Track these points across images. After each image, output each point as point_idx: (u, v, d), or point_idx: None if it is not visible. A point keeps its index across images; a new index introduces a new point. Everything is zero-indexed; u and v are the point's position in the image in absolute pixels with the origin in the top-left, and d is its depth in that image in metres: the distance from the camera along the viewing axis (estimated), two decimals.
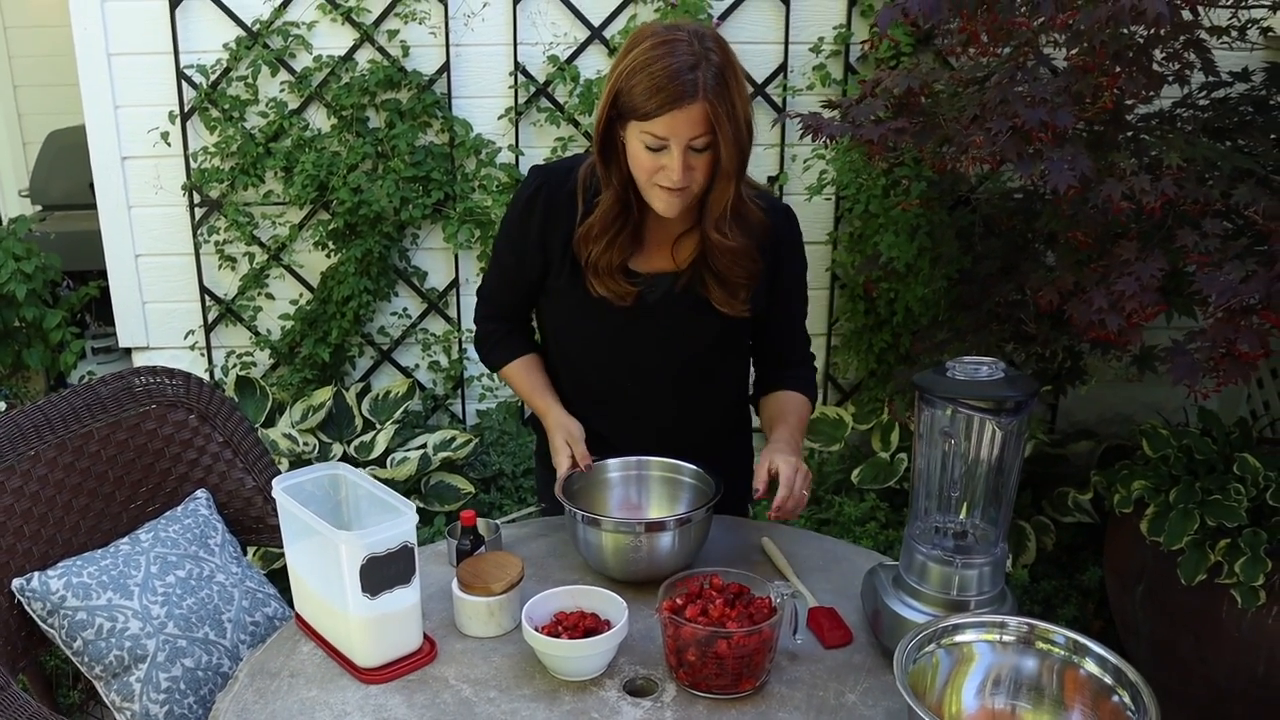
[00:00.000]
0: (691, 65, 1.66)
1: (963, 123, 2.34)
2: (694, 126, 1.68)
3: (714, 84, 1.67)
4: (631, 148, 1.75)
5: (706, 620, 1.56)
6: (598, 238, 1.85)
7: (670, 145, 1.70)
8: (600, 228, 1.85)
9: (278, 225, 3.41)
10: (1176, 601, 2.65)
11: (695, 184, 1.76)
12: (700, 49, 1.67)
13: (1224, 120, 2.68)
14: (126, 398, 2.14)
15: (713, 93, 1.66)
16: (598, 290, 1.89)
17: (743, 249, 1.84)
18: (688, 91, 1.65)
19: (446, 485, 3.28)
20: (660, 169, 1.73)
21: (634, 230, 1.87)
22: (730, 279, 1.88)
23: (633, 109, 1.70)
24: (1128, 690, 1.35)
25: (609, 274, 1.88)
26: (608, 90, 1.74)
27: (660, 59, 1.66)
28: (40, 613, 1.85)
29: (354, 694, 1.59)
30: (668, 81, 1.65)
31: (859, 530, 3.20)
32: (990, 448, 1.56)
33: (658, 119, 1.68)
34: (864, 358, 3.46)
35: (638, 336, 1.96)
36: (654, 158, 1.72)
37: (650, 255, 1.92)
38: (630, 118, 1.71)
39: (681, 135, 1.69)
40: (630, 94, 1.69)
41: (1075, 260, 2.45)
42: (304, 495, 1.70)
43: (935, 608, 1.59)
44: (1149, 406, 3.37)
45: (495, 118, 3.37)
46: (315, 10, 3.25)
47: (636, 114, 1.70)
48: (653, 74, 1.66)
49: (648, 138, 1.71)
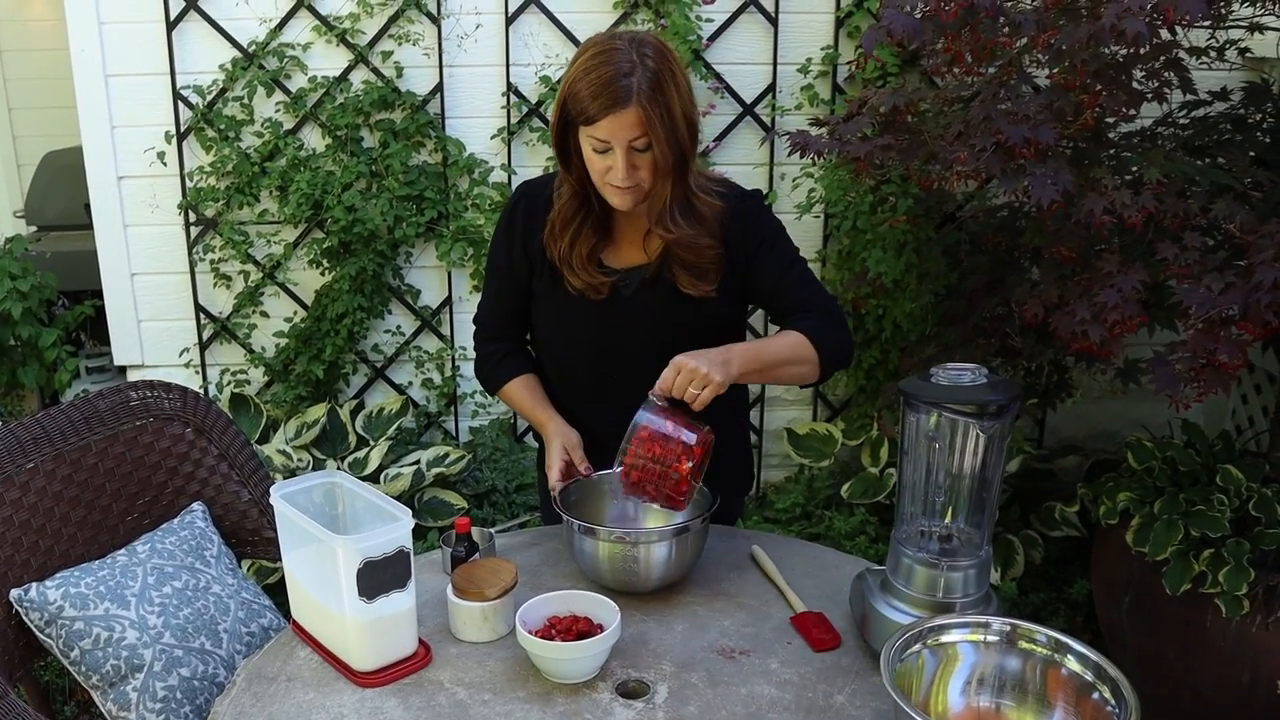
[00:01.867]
0: (627, 72, 1.76)
1: (948, 139, 2.39)
2: (630, 129, 1.78)
3: (648, 89, 1.77)
4: (584, 152, 1.86)
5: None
6: (560, 233, 1.96)
7: (613, 147, 1.80)
8: (561, 223, 1.96)
9: (272, 244, 3.44)
10: (1162, 612, 2.67)
11: (643, 181, 1.85)
12: (636, 56, 1.78)
13: (1203, 138, 2.74)
14: (124, 411, 2.16)
15: (646, 97, 1.76)
16: (573, 284, 1.98)
17: (691, 239, 1.91)
18: (622, 96, 1.76)
19: (440, 501, 3.30)
20: (609, 169, 1.84)
21: (597, 223, 1.96)
22: (693, 264, 1.95)
23: (578, 114, 1.81)
24: (1108, 685, 1.38)
25: (581, 266, 1.96)
26: (559, 98, 1.85)
27: (599, 67, 1.78)
28: (38, 622, 1.87)
29: (350, 697, 1.61)
30: (603, 88, 1.76)
31: (849, 544, 3.23)
32: (974, 452, 1.60)
33: (598, 123, 1.78)
34: (853, 374, 3.49)
35: (619, 329, 2.02)
36: (602, 159, 1.83)
37: (623, 250, 2.01)
38: (578, 123, 1.82)
39: (620, 137, 1.79)
40: (575, 100, 1.80)
41: (1059, 274, 2.50)
42: (301, 503, 1.73)
43: (922, 610, 1.61)
44: (1134, 422, 3.41)
45: (488, 137, 3.41)
46: (310, 32, 3.29)
47: (581, 119, 1.81)
48: (591, 81, 1.78)
49: (593, 141, 1.82)
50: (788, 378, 1.97)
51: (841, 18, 3.36)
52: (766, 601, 1.85)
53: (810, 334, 1.93)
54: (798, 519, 3.44)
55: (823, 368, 1.95)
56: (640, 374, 1.97)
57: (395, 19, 3.28)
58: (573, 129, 1.85)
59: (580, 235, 1.95)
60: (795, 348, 1.92)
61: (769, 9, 3.34)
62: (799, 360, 1.92)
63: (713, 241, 1.94)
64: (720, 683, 1.62)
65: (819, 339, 1.93)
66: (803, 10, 3.36)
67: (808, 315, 1.98)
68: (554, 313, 2.06)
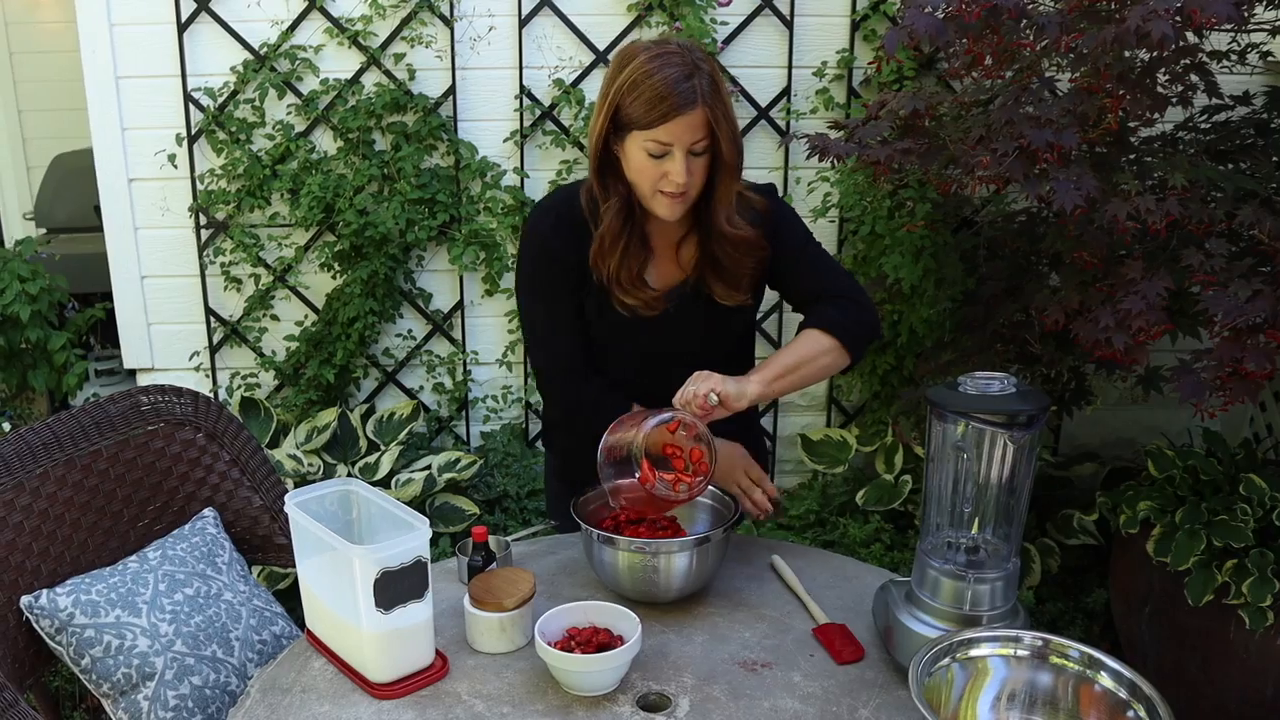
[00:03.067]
0: (687, 75, 1.77)
1: (968, 144, 2.36)
2: (695, 131, 1.79)
3: (710, 90, 1.79)
4: (634, 158, 1.84)
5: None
6: (610, 249, 1.92)
7: (674, 150, 1.80)
8: (610, 239, 1.92)
9: (283, 247, 3.42)
10: (1184, 623, 2.64)
11: (694, 187, 1.86)
12: (692, 59, 1.79)
13: (1226, 143, 2.71)
14: (135, 416, 2.14)
15: (710, 98, 1.79)
16: (625, 302, 1.95)
17: (753, 237, 1.93)
18: (688, 99, 1.77)
19: (451, 507, 3.28)
20: (663, 175, 1.82)
21: (643, 238, 1.95)
22: (736, 271, 1.95)
23: (633, 120, 1.80)
24: (1143, 704, 1.35)
25: (631, 284, 1.94)
26: (604, 106, 1.84)
27: (658, 71, 1.78)
28: (49, 630, 1.85)
29: (366, 709, 1.58)
30: (669, 91, 1.76)
31: (864, 552, 3.20)
32: (1002, 462, 1.57)
33: (662, 126, 1.78)
34: (868, 380, 3.47)
35: (664, 344, 2.01)
36: (657, 165, 1.82)
37: (660, 268, 1.99)
38: (631, 129, 1.81)
39: (684, 140, 1.79)
40: (631, 106, 1.79)
41: (1080, 280, 2.47)
42: (316, 511, 1.71)
43: (948, 623, 1.59)
44: (1152, 429, 3.38)
45: (500, 140, 3.39)
46: (322, 34, 3.27)
47: (638, 124, 1.80)
48: (653, 85, 1.77)
49: (651, 145, 1.80)
50: (817, 374, 1.97)
51: (857, 20, 3.33)
52: (788, 613, 1.83)
53: (823, 325, 1.95)
54: (811, 526, 3.41)
55: (850, 351, 1.97)
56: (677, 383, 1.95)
57: (408, 21, 3.26)
58: (620, 136, 1.84)
59: (629, 252, 1.93)
60: (810, 346, 1.94)
61: (784, 12, 3.32)
62: (818, 355, 1.94)
63: (764, 241, 1.95)
64: (742, 696, 1.60)
65: (834, 326, 1.95)
66: (818, 13, 3.34)
67: (820, 304, 1.99)
68: (604, 337, 2.02)
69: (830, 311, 1.97)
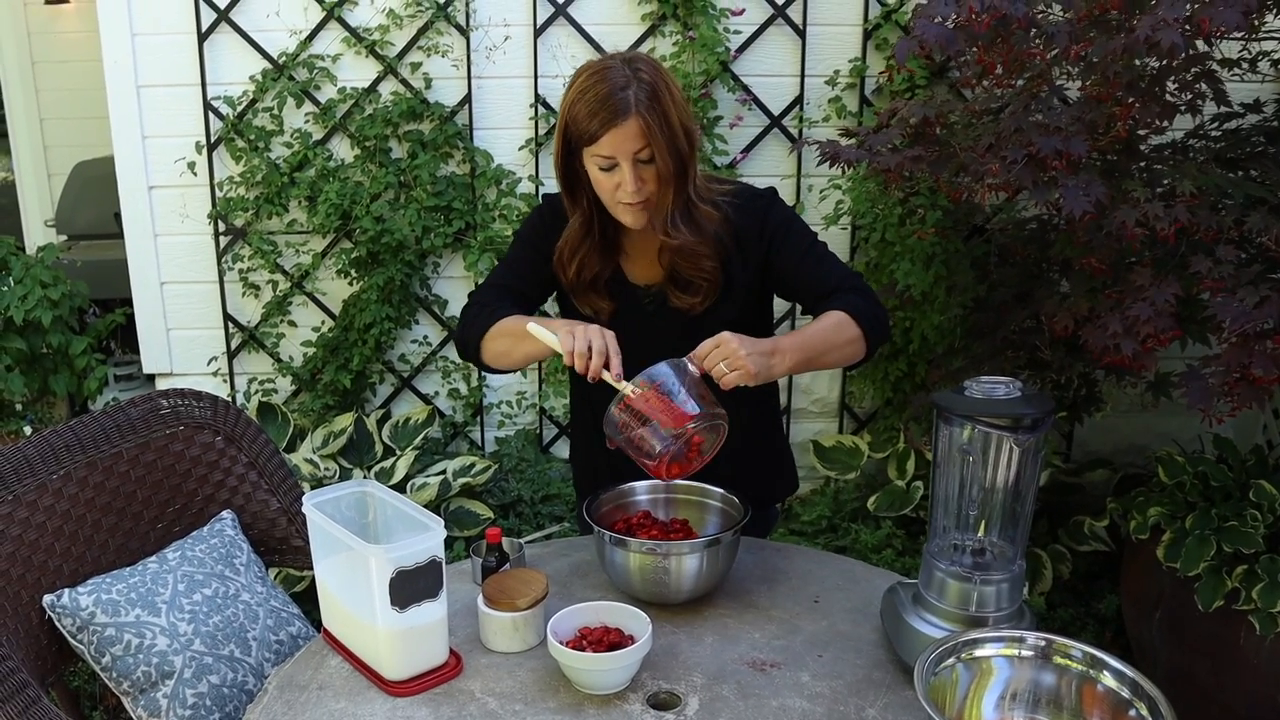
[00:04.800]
0: (623, 86, 1.81)
1: (978, 151, 2.38)
2: (633, 140, 1.81)
3: (645, 99, 1.80)
4: (591, 173, 1.88)
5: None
6: (568, 259, 1.99)
7: (619, 162, 1.83)
8: (569, 249, 1.99)
9: (301, 253, 3.46)
10: (1194, 628, 2.65)
11: (652, 194, 1.88)
12: (629, 71, 1.82)
13: (1236, 151, 2.72)
14: (154, 419, 2.17)
15: (644, 107, 1.80)
16: (582, 309, 2.02)
17: (692, 246, 1.92)
18: (621, 109, 1.79)
19: (466, 511, 3.31)
20: (617, 186, 1.86)
21: (602, 248, 1.99)
22: (685, 276, 1.97)
23: (580, 135, 1.84)
24: (1145, 703, 1.36)
25: (585, 291, 2.01)
26: (559, 124, 1.89)
27: (594, 85, 1.82)
28: (70, 629, 1.88)
29: (381, 706, 1.61)
30: (602, 104, 1.80)
31: (875, 558, 3.21)
32: (1008, 466, 1.59)
33: (601, 139, 1.82)
34: (880, 386, 3.48)
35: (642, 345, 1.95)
36: (609, 177, 1.86)
37: (642, 267, 2.03)
38: (581, 144, 1.85)
39: (625, 150, 1.82)
40: (576, 122, 1.84)
41: (1090, 287, 2.48)
42: (332, 512, 1.74)
43: (954, 624, 1.60)
44: (1163, 436, 3.38)
45: (516, 148, 3.43)
46: (340, 43, 3.31)
47: (584, 139, 1.83)
48: (589, 100, 1.81)
49: (599, 159, 1.84)
50: (837, 359, 1.90)
51: (870, 30, 3.35)
52: (797, 614, 1.85)
53: (850, 311, 1.89)
54: (823, 532, 3.43)
55: (868, 342, 1.91)
56: None
57: (424, 30, 3.30)
58: (576, 154, 1.88)
59: (586, 262, 1.99)
60: (840, 328, 1.87)
61: (797, 21, 3.34)
62: (846, 341, 1.88)
63: (710, 254, 1.95)
64: (751, 695, 1.62)
65: (860, 315, 1.89)
66: (831, 22, 3.36)
67: (839, 294, 1.94)
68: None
69: (856, 300, 1.91)
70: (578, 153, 1.88)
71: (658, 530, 1.89)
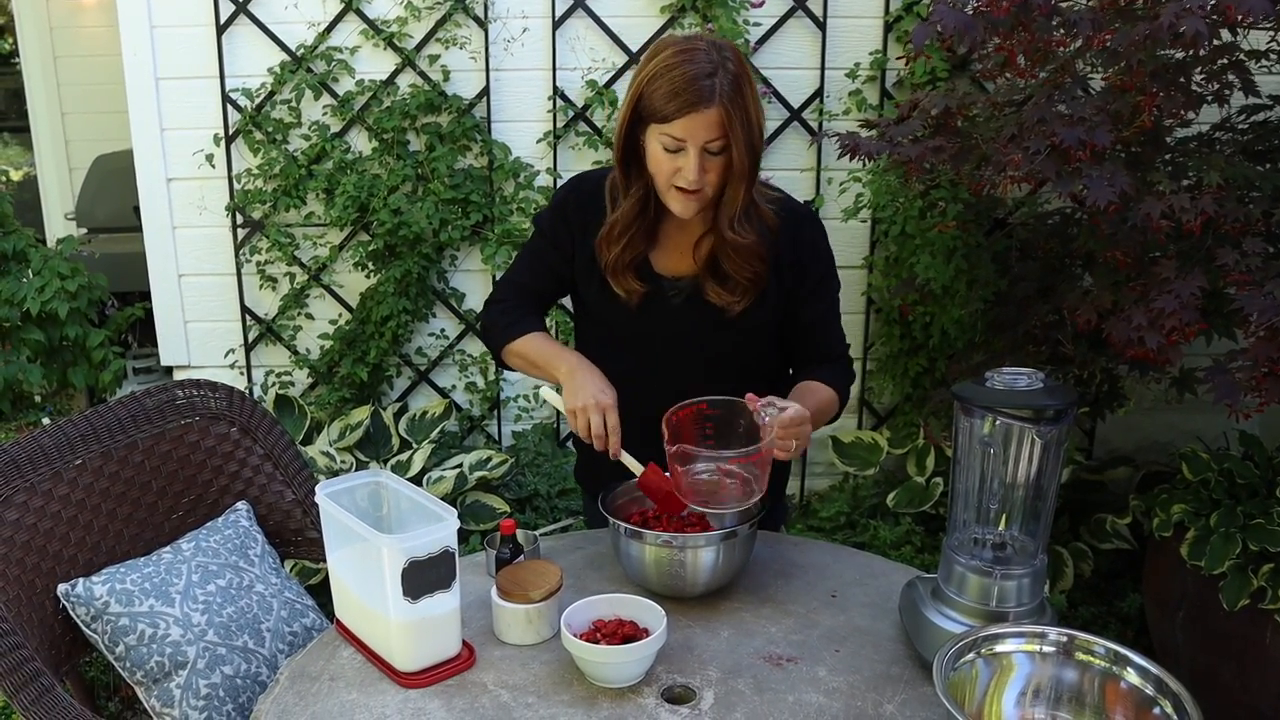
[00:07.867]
0: (709, 72, 1.75)
1: (1000, 143, 2.35)
2: (710, 130, 1.76)
3: (729, 90, 1.75)
4: (651, 150, 1.84)
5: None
6: (617, 237, 1.94)
7: (687, 147, 1.78)
8: (621, 228, 1.93)
9: (318, 246, 3.46)
10: (1218, 627, 2.61)
11: (709, 186, 1.83)
12: (718, 58, 1.77)
13: (1264, 143, 2.68)
14: (170, 410, 2.17)
15: (728, 98, 1.75)
16: (615, 289, 1.97)
17: (752, 247, 1.90)
18: (705, 96, 1.74)
19: (482, 505, 3.29)
20: (677, 170, 1.81)
21: (648, 229, 1.95)
22: (734, 276, 1.93)
23: (653, 112, 1.79)
24: (1169, 700, 1.34)
25: (624, 272, 1.96)
26: (630, 95, 1.83)
27: (680, 65, 1.76)
28: (84, 618, 1.88)
29: (393, 697, 1.60)
30: (686, 86, 1.75)
31: (894, 554, 3.18)
32: (1029, 458, 1.56)
33: (676, 121, 1.76)
34: (899, 382, 3.45)
35: (667, 338, 2.01)
36: (672, 160, 1.81)
37: (673, 258, 1.99)
38: (650, 120, 1.80)
39: (698, 137, 1.77)
40: (651, 98, 1.78)
41: (1113, 280, 2.45)
42: (346, 502, 1.72)
43: (974, 619, 1.58)
44: (1187, 433, 3.34)
45: (534, 141, 3.41)
46: (358, 36, 3.31)
47: (656, 117, 1.78)
48: (673, 79, 1.76)
49: (666, 139, 1.79)
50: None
51: (890, 22, 3.32)
52: (814, 609, 1.82)
53: (837, 387, 2.02)
54: (842, 528, 3.40)
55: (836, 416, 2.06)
56: (680, 377, 1.95)
57: (442, 23, 3.29)
58: (642, 127, 1.83)
59: (631, 243, 1.94)
60: (829, 407, 2.00)
61: (817, 13, 3.32)
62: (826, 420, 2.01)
63: (763, 256, 1.92)
64: (767, 690, 1.60)
65: (842, 392, 2.04)
66: (851, 14, 3.34)
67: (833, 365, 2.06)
68: (603, 319, 2.04)
69: (845, 380, 2.05)
70: (643, 127, 1.83)
71: (674, 523, 1.88)
